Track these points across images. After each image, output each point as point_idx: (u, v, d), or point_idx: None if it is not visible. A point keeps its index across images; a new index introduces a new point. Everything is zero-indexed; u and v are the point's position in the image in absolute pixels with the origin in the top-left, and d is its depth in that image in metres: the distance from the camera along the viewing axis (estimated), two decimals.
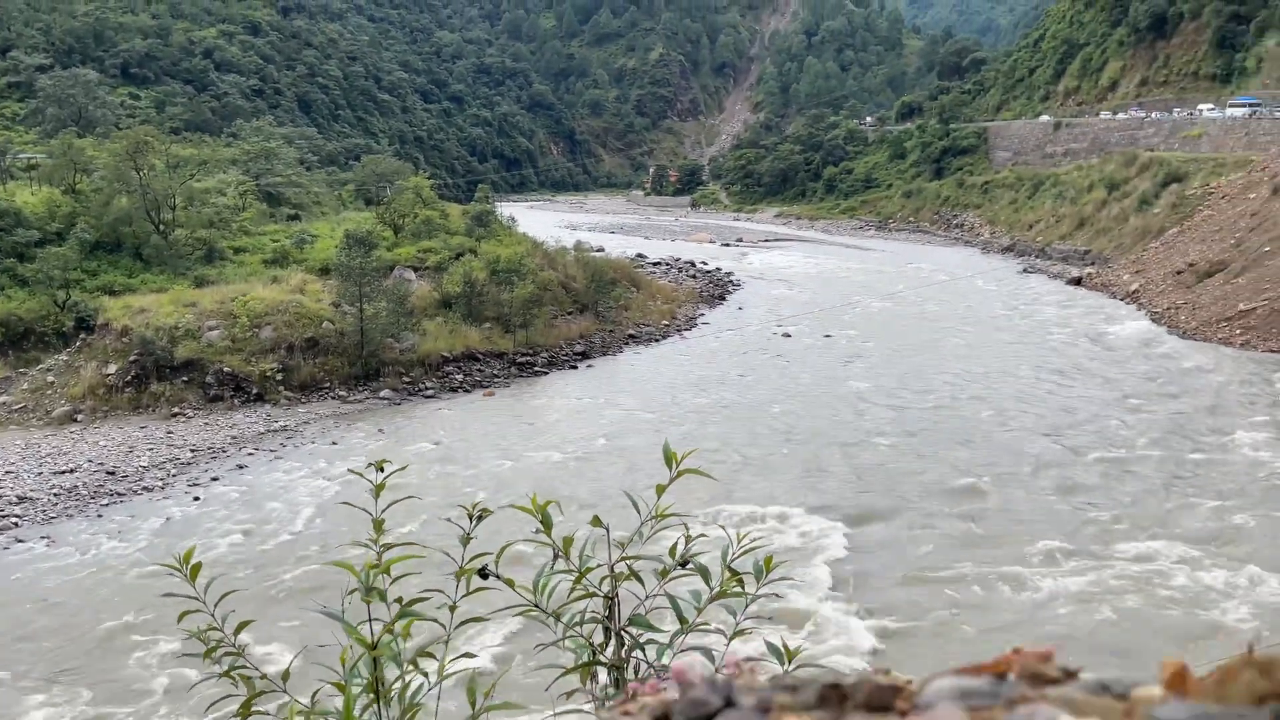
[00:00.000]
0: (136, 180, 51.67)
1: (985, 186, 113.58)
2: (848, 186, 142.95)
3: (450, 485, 30.22)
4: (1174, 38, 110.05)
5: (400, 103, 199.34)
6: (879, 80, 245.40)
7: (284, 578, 23.19)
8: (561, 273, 57.45)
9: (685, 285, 73.95)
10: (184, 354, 38.82)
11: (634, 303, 60.87)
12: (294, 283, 46.27)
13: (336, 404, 39.63)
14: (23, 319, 42.21)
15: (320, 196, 77.15)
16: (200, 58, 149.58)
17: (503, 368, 46.21)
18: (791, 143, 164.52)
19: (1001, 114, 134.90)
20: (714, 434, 35.53)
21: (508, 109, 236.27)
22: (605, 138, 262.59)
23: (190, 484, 30.20)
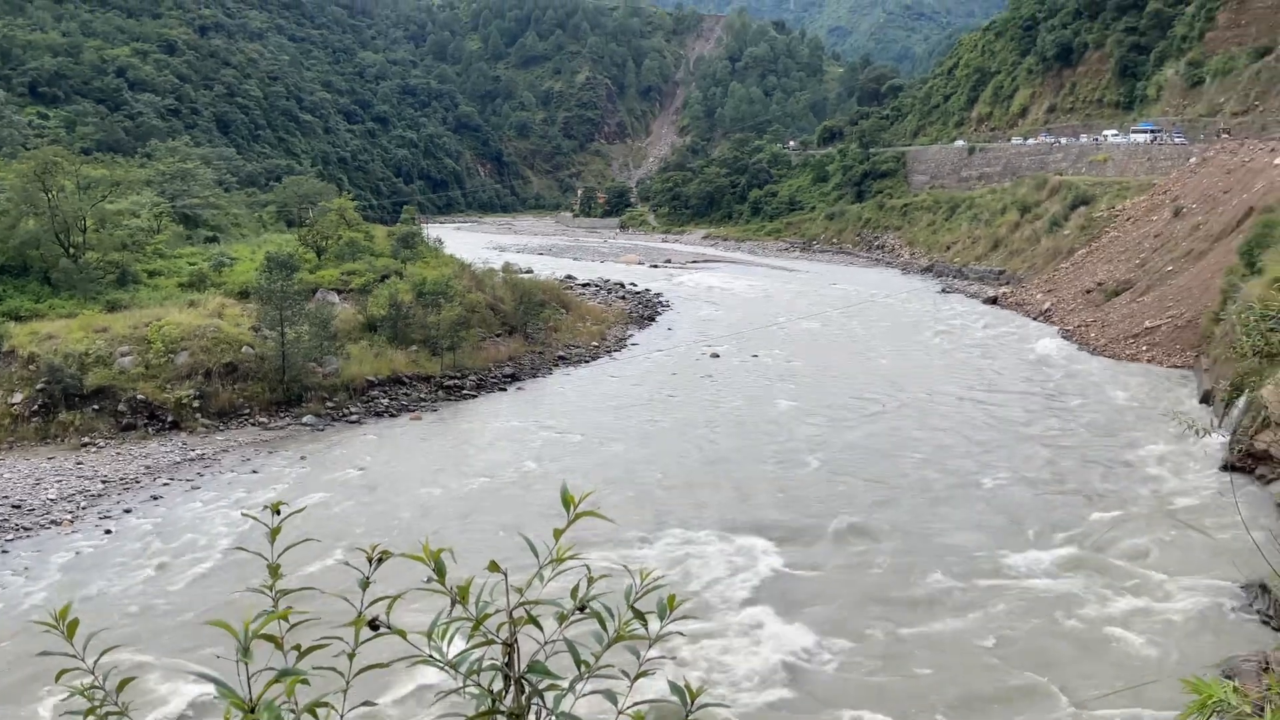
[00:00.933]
0: (45, 202, 49.77)
1: (904, 209, 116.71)
2: (773, 209, 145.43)
3: (375, 513, 29.65)
4: (1080, 66, 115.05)
5: (323, 123, 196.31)
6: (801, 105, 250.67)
7: (198, 614, 22.40)
8: (490, 295, 57.11)
9: (615, 306, 74.14)
10: (94, 382, 37.39)
11: (563, 324, 60.79)
12: (212, 306, 45.01)
13: (257, 431, 38.59)
14: None
15: (240, 218, 75.39)
16: (113, 76, 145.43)
17: (430, 391, 45.62)
18: (717, 166, 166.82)
19: (919, 139, 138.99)
20: (643, 455, 35.60)
21: (434, 130, 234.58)
22: (533, 159, 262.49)
23: (101, 517, 29.03)
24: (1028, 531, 26.93)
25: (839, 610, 22.36)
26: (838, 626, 21.54)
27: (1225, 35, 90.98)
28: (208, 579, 24.47)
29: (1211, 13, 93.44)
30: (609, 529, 24.73)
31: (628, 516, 27.27)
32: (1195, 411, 39.06)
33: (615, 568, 2.53)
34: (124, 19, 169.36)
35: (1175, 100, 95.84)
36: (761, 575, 24.22)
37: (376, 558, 2.48)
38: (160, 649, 20.49)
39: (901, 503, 29.66)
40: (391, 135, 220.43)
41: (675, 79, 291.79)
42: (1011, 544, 25.96)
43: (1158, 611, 21.78)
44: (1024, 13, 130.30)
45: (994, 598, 22.73)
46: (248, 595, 2.66)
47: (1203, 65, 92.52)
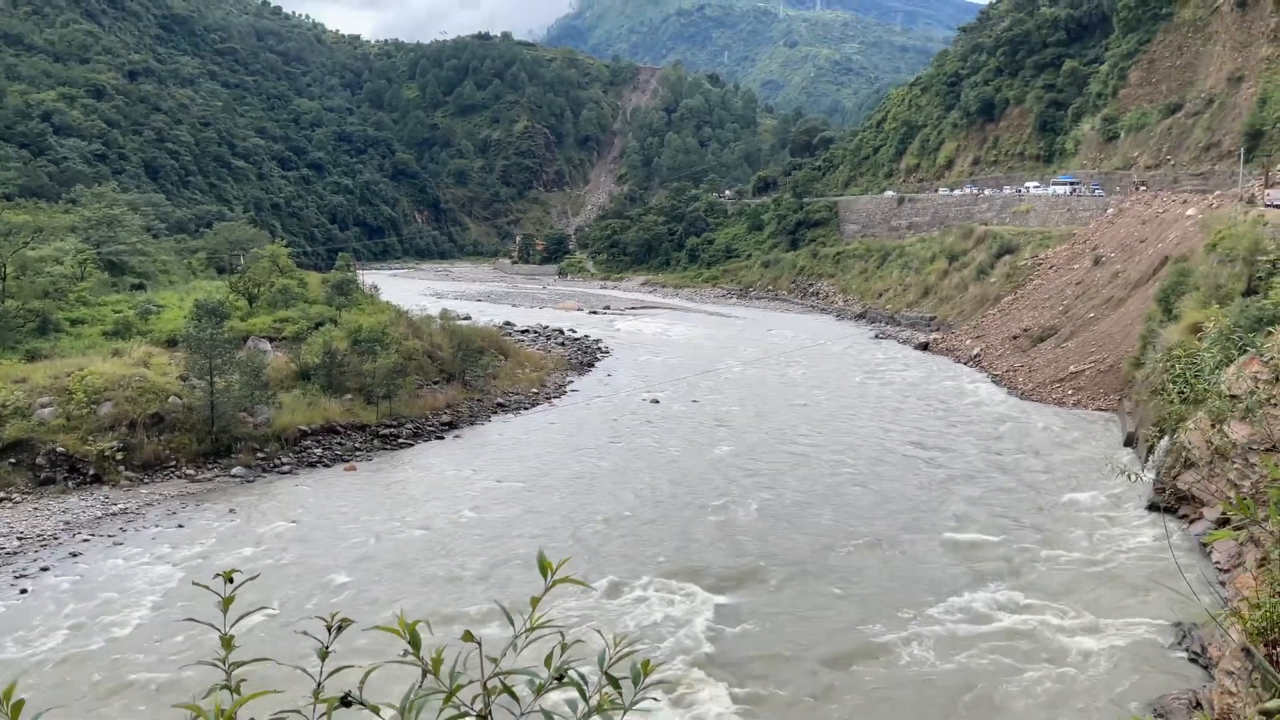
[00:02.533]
0: None
1: (838, 257, 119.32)
2: (710, 256, 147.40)
3: (308, 567, 28.78)
4: (1002, 121, 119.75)
5: (256, 169, 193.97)
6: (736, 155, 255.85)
7: (116, 678, 21.37)
8: (427, 341, 56.51)
9: (554, 353, 73.97)
10: (11, 434, 35.85)
11: (502, 371, 60.37)
12: (137, 355, 43.66)
13: (184, 483, 37.33)
14: None
15: (168, 265, 73.70)
16: (38, 120, 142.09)
17: (365, 440, 44.75)
18: (655, 214, 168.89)
19: (850, 189, 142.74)
20: (583, 502, 35.30)
21: (370, 177, 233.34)
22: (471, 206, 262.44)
23: (16, 575, 27.64)
24: (960, 575, 27.28)
25: (774, 662, 22.28)
26: (774, 676, 21.45)
27: (1138, 92, 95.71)
28: (128, 640, 23.38)
29: (1124, 71, 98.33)
30: (555, 591, 24.31)
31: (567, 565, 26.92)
32: (1120, 454, 40.25)
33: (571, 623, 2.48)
34: (50, 63, 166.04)
35: (1092, 154, 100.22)
36: (700, 626, 24.05)
37: (336, 626, 2.39)
38: (77, 715, 19.47)
39: (835, 547, 29.84)
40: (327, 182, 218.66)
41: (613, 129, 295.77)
42: (944, 588, 26.25)
43: (1091, 651, 22.15)
44: (948, 69, 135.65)
45: (927, 642, 22.89)
46: (199, 668, 2.55)
47: (1117, 121, 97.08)
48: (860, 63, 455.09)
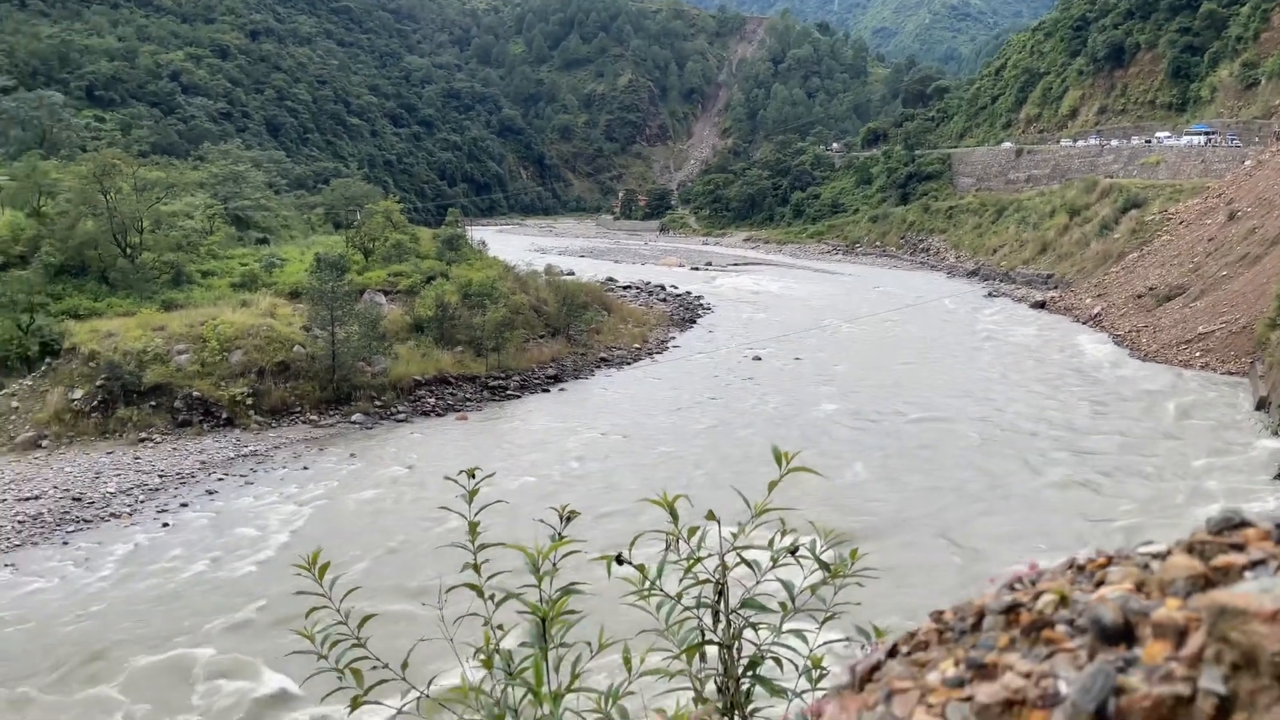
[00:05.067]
0: (103, 203, 51.14)
1: (950, 211, 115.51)
2: (815, 211, 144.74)
3: (425, 509, 30.07)
4: (1131, 67, 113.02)
5: (369, 126, 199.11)
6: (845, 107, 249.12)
7: (256, 604, 22.95)
8: (533, 296, 57.56)
9: (656, 309, 74.32)
10: (152, 379, 38.36)
11: (605, 326, 61.07)
12: (264, 306, 45.94)
13: (307, 428, 39.32)
14: None
15: (289, 220, 76.75)
16: (167, 80, 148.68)
17: (475, 391, 46.11)
18: (759, 168, 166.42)
19: (965, 141, 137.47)
20: (685, 457, 35.70)
21: (477, 133, 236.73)
22: (575, 162, 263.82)
23: (159, 510, 29.80)
24: (1074, 540, 26.59)
25: (884, 618, 22.27)
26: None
27: None
28: (260, 572, 25.03)
29: (1266, 14, 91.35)
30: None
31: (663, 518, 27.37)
32: (1251, 418, 38.27)
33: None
34: (178, 24, 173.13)
35: (1230, 102, 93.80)
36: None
37: (566, 515, 2.73)
38: (220, 637, 21.02)
39: (944, 508, 29.43)
40: (436, 138, 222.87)
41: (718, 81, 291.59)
42: (1057, 552, 25.64)
43: None
44: (1074, 13, 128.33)
45: None
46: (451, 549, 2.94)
47: (1258, 66, 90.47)
48: (979, 7, 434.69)
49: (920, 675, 1.22)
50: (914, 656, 1.33)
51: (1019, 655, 1.16)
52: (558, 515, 2.74)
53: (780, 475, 2.68)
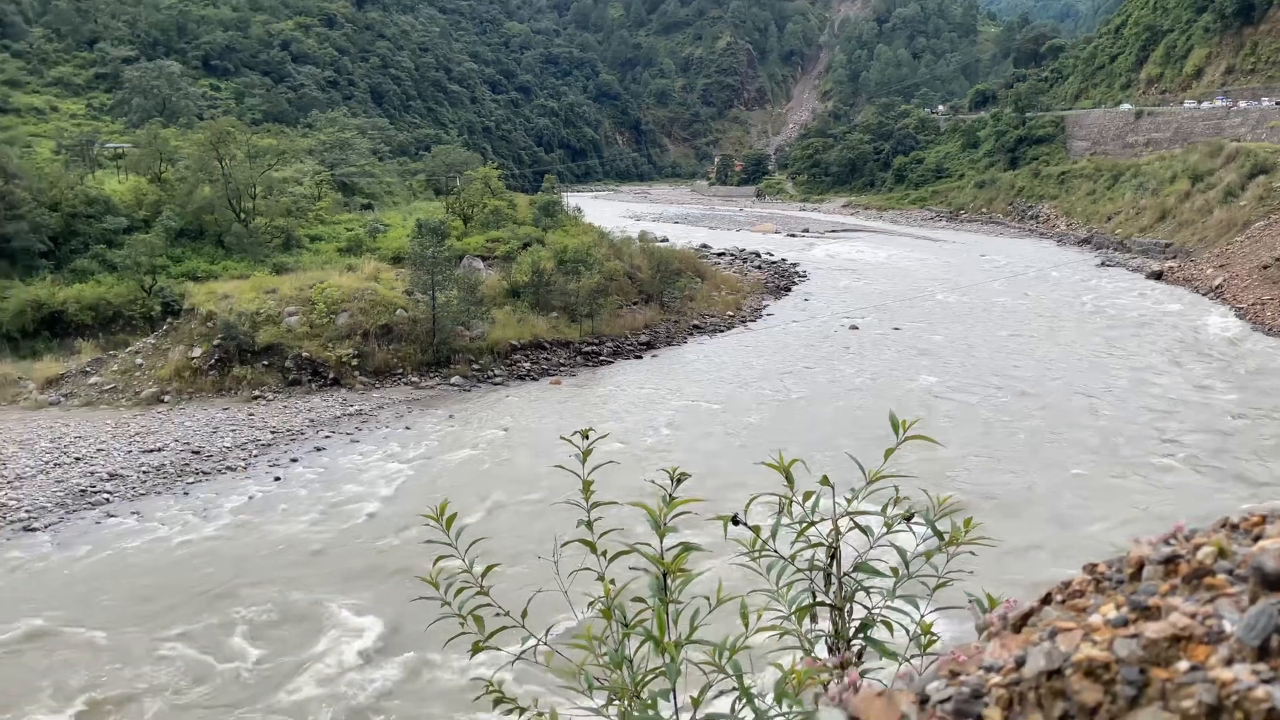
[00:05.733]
0: (219, 170, 53.35)
1: (1062, 177, 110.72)
2: (918, 176, 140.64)
3: (519, 470, 30.76)
4: (1262, 24, 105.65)
5: (469, 93, 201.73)
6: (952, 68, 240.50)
7: (365, 555, 23.93)
8: (627, 263, 57.75)
9: (750, 276, 73.67)
10: (265, 339, 40.06)
11: (699, 293, 60.90)
12: (368, 271, 47.36)
13: (409, 389, 40.52)
14: (112, 303, 43.98)
15: (392, 186, 78.69)
16: (278, 50, 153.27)
17: (569, 356, 46.69)
18: (860, 132, 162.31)
19: (1080, 102, 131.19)
20: (779, 426, 35.48)
21: (574, 99, 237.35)
22: (671, 127, 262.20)
23: (271, 465, 31.23)
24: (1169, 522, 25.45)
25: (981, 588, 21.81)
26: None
27: None
28: (367, 525, 26.06)
29: None
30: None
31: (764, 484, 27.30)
32: None
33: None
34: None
35: None
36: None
37: (677, 477, 2.80)
38: (327, 586, 22.02)
39: (1045, 485, 28.54)
40: (534, 104, 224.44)
41: (819, 42, 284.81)
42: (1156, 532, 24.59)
43: None
44: None
45: None
46: (565, 505, 3.09)
47: None
48: None
49: (1080, 618, 1.35)
50: (1070, 603, 1.46)
51: (1181, 599, 1.28)
52: (669, 477, 2.81)
53: (897, 443, 2.67)
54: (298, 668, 18.56)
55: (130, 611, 20.92)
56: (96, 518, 26.70)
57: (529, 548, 18.14)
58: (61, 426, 33.88)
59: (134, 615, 20.73)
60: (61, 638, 19.73)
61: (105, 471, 29.70)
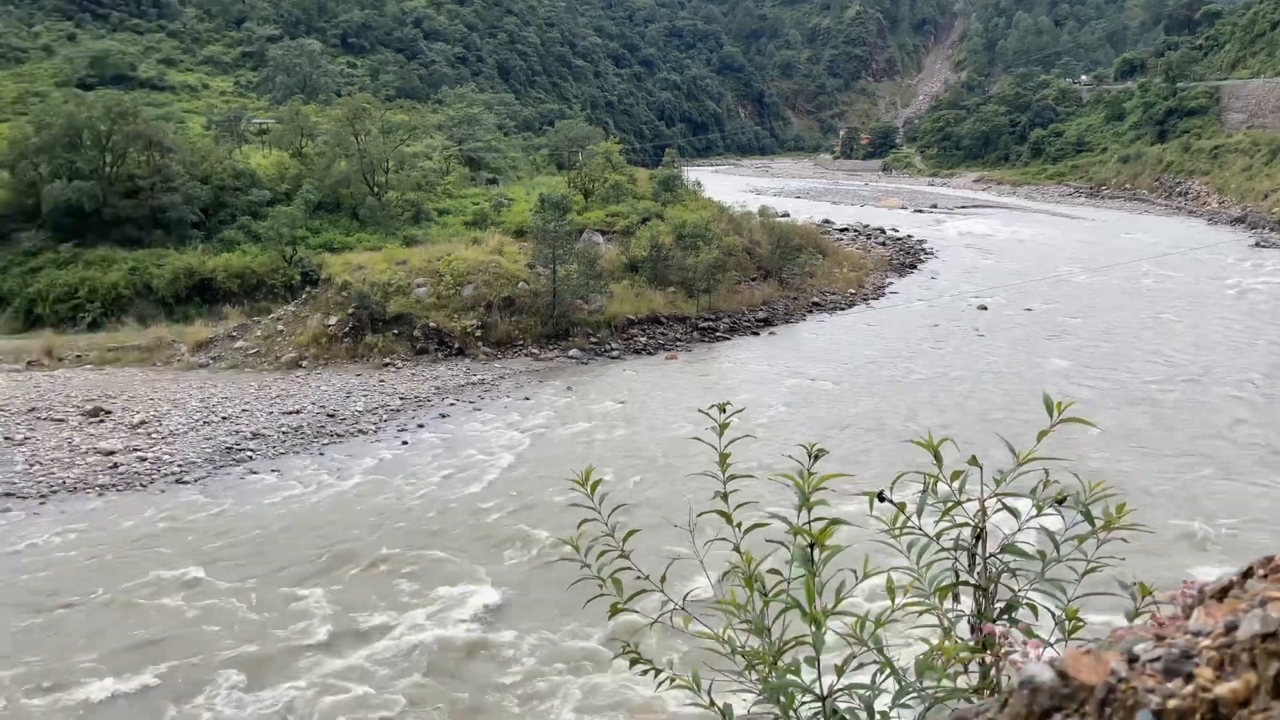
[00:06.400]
0: (355, 145, 55.51)
1: (1215, 151, 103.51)
2: (1056, 150, 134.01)
3: (635, 443, 31.15)
4: None
5: (593, 68, 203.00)
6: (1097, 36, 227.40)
7: (486, 518, 24.79)
8: (746, 238, 57.28)
9: (874, 252, 71.98)
10: (395, 309, 41.66)
11: (819, 270, 59.92)
12: (493, 244, 48.55)
13: (529, 361, 41.47)
14: (256, 272, 46.51)
15: (516, 161, 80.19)
16: (411, 27, 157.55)
17: (685, 332, 46.79)
18: (996, 103, 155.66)
19: (1237, 72, 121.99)
20: (899, 407, 34.73)
21: (697, 72, 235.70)
22: (795, 100, 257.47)
23: (399, 429, 32.59)
24: None
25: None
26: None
27: None
28: (489, 490, 26.94)
29: None
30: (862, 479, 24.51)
31: (879, 470, 26.87)
32: None
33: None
34: None
35: None
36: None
37: (814, 454, 2.83)
38: (449, 547, 22.92)
39: (1188, 476, 27.01)
40: (656, 78, 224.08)
41: (953, 10, 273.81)
42: None
43: None
44: None
45: None
46: (681, 476, 3.19)
47: None
48: None
49: None
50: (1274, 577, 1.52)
51: None
52: (806, 452, 2.84)
53: (1051, 424, 2.62)
54: (419, 624, 19.42)
55: (271, 563, 22.30)
56: (240, 474, 28.47)
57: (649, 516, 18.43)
58: (210, 387, 36.18)
59: (274, 567, 22.09)
60: (211, 586, 21.21)
61: (249, 431, 31.60)
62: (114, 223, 47.95)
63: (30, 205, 47.67)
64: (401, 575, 21.67)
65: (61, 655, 18.20)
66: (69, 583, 21.26)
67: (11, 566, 22.11)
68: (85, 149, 49.04)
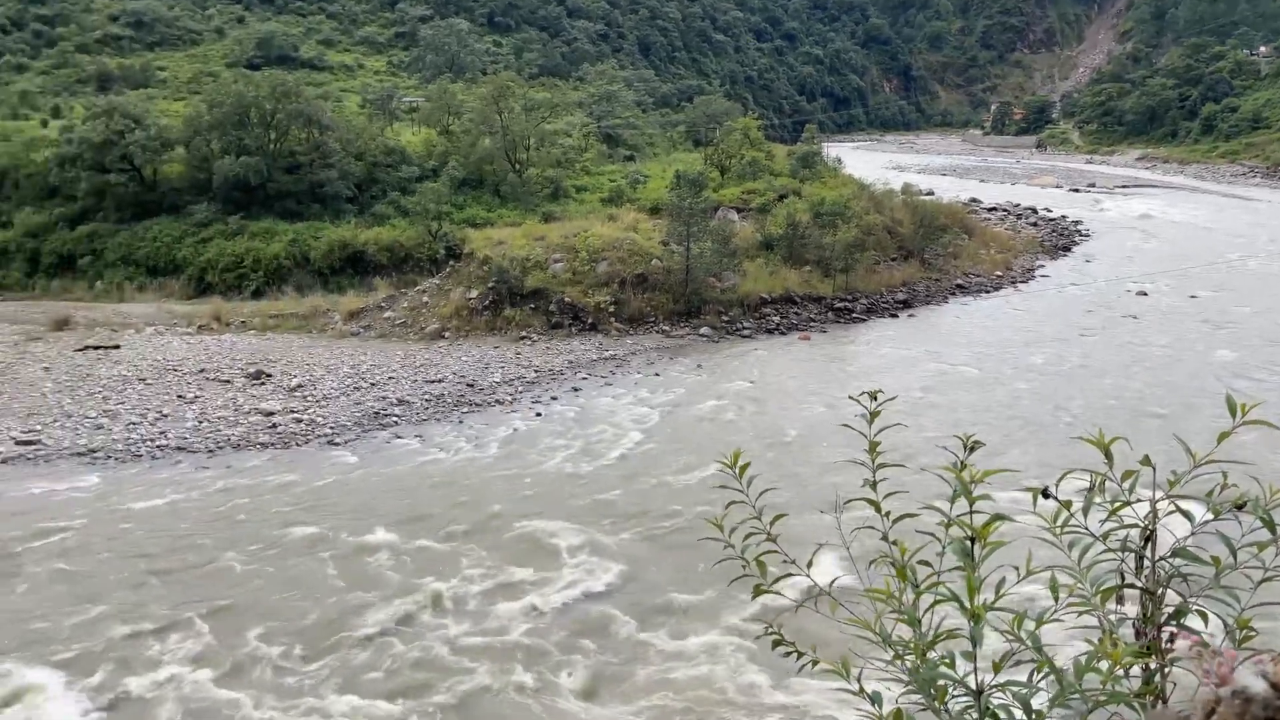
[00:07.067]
0: (498, 122, 56.90)
1: None
2: (1230, 127, 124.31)
3: (764, 423, 30.97)
4: None
5: (733, 42, 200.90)
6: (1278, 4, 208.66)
7: (615, 491, 25.25)
8: (887, 216, 55.71)
9: (1024, 233, 68.78)
10: (532, 283, 42.65)
11: (964, 250, 57.73)
12: (628, 221, 48.94)
13: (660, 337, 41.73)
14: (404, 245, 48.45)
15: (653, 138, 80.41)
16: (554, 5, 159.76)
17: (819, 312, 46.01)
18: (1164, 76, 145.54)
19: None
20: (1047, 396, 33.19)
21: (841, 45, 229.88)
22: (943, 73, 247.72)
23: (533, 401, 33.45)
24: None
25: None
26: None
27: None
28: (618, 464, 27.38)
29: None
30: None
31: (1024, 462, 25.79)
32: None
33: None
34: None
35: None
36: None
37: (969, 446, 2.74)
38: (583, 518, 23.46)
39: None
40: (798, 52, 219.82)
41: None
42: None
43: None
44: None
45: None
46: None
47: None
48: None
49: None
50: None
51: None
52: (961, 444, 2.78)
53: (1233, 427, 2.48)
54: (547, 591, 19.99)
55: (415, 523, 23.38)
56: (386, 438, 29.88)
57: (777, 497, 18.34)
58: (360, 355, 38.06)
59: (418, 527, 23.15)
60: (359, 541, 22.42)
61: (394, 397, 33.10)
62: (276, 197, 50.86)
63: (203, 179, 51.07)
64: (531, 543, 22.34)
65: (230, 594, 19.65)
66: (230, 532, 22.90)
67: (179, 514, 23.98)
68: (252, 126, 52.09)
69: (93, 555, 21.67)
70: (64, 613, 19.01)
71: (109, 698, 16.32)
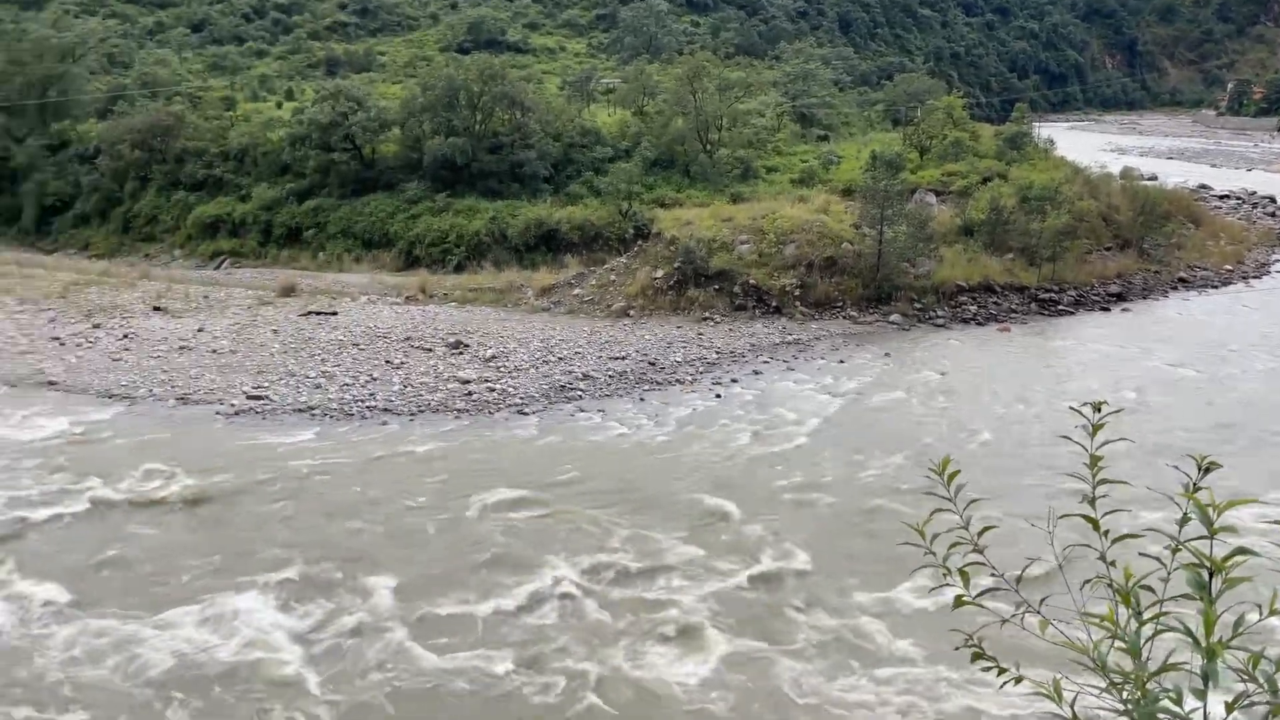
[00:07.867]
0: (692, 103, 57.02)
1: None
2: None
3: (953, 418, 29.71)
4: None
5: (940, 17, 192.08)
6: None
7: (793, 478, 25.00)
8: (1103, 203, 51.79)
9: (1260, 224, 62.28)
10: (717, 265, 42.63)
11: (1190, 241, 52.92)
12: (818, 203, 47.93)
13: (846, 323, 40.75)
14: (594, 224, 49.57)
15: (849, 117, 78.17)
16: None
17: (1021, 303, 43.49)
18: None
19: None
20: (1276, 402, 30.02)
21: (1059, 18, 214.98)
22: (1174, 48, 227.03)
23: (713, 382, 33.53)
24: None
25: None
26: None
27: None
28: (797, 452, 27.06)
29: None
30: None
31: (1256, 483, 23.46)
32: None
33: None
34: None
35: None
36: None
37: (1204, 467, 2.59)
38: (758, 505, 23.40)
39: None
40: (1010, 26, 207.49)
41: None
42: None
43: None
44: None
45: None
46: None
47: None
48: None
49: None
50: None
51: None
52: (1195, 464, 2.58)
53: None
54: (720, 574, 20.07)
55: (594, 495, 24.08)
56: (570, 411, 30.83)
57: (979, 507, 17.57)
58: (550, 330, 39.39)
59: (597, 499, 23.83)
60: (542, 507, 23.36)
61: (580, 372, 34.08)
62: (479, 176, 53.28)
63: (415, 159, 54.19)
64: (703, 523, 22.49)
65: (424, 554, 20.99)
66: (427, 489, 24.39)
67: (385, 469, 25.76)
68: (460, 108, 54.70)
69: (305, 502, 23.68)
70: (277, 550, 20.89)
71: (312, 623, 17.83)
